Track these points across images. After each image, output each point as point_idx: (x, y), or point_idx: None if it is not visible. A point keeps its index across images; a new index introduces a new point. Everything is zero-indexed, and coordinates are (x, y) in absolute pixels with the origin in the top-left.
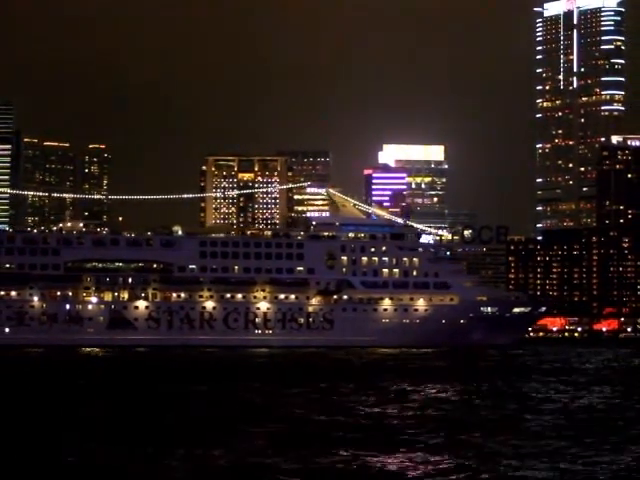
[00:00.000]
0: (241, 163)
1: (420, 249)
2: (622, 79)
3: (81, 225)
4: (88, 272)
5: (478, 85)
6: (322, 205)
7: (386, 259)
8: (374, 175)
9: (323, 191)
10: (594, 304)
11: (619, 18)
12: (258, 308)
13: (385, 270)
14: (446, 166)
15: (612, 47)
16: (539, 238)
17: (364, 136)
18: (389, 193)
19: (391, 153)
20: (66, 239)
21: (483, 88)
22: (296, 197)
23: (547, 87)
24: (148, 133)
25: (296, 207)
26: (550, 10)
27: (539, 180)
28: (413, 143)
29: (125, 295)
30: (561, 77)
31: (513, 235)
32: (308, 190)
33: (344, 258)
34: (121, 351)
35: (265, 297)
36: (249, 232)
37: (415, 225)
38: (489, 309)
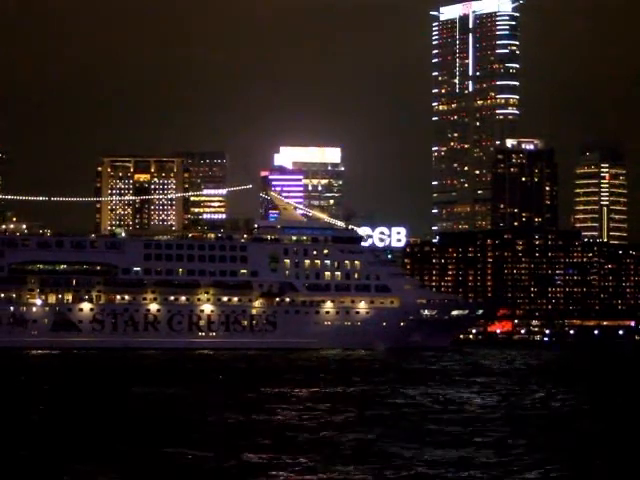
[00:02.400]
0: (137, 164)
1: (361, 252)
2: (517, 83)
3: (24, 227)
4: (32, 274)
5: (374, 88)
6: (218, 207)
7: (328, 262)
8: (270, 177)
9: (221, 192)
10: None
11: (514, 23)
12: (202, 310)
13: (327, 273)
14: (342, 168)
15: (507, 51)
16: (435, 240)
17: (261, 138)
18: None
19: (288, 155)
20: (11, 241)
21: (379, 91)
22: (192, 199)
23: (443, 90)
24: (45, 133)
25: (192, 209)
26: (446, 14)
27: (435, 183)
28: (310, 145)
29: (69, 297)
30: (457, 81)
31: (409, 237)
32: (204, 192)
33: (287, 261)
34: (63, 353)
35: (209, 299)
36: (191, 235)
37: (356, 228)
38: (428, 312)
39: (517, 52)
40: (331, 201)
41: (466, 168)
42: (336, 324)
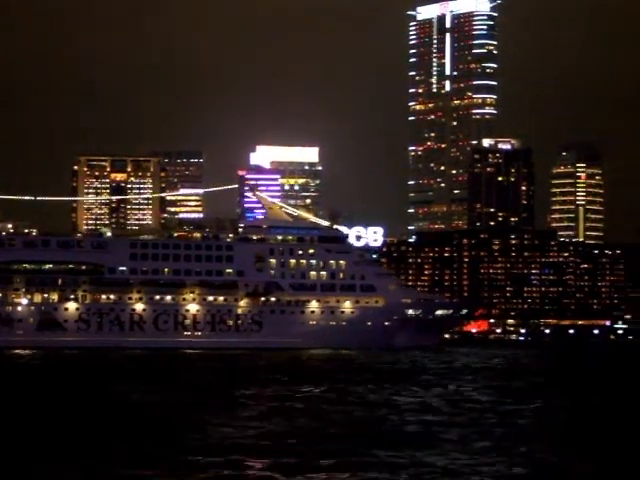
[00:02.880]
0: (114, 163)
1: (347, 252)
2: (494, 83)
3: (10, 226)
4: (18, 273)
5: (351, 87)
6: (195, 207)
7: (314, 262)
8: (247, 176)
9: (198, 192)
10: None
11: (492, 22)
12: (187, 310)
13: (313, 273)
14: (320, 168)
15: (484, 51)
16: (411, 240)
17: (238, 137)
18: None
19: (265, 154)
20: None
21: (357, 90)
22: (169, 198)
23: (420, 90)
24: (20, 131)
25: (169, 208)
26: (423, 13)
27: (411, 182)
28: (287, 145)
29: (55, 297)
30: (434, 80)
31: (386, 237)
32: (181, 191)
33: (273, 261)
34: (46, 353)
35: (194, 299)
36: (176, 234)
37: (341, 228)
38: (413, 311)
39: (494, 52)
40: (308, 200)
41: (443, 168)
42: (321, 324)
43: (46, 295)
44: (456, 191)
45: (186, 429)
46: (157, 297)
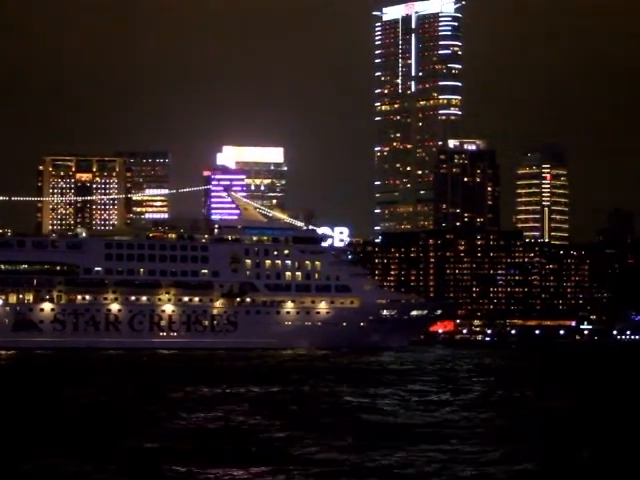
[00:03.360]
0: (79, 163)
1: (322, 252)
2: (459, 84)
3: None
4: None
5: (318, 87)
6: (160, 207)
7: (289, 262)
8: (213, 176)
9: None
10: None
11: (456, 23)
12: (163, 310)
13: (288, 273)
14: (285, 168)
15: (449, 52)
16: (377, 240)
17: (204, 137)
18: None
19: (231, 155)
20: None
21: (322, 90)
22: (135, 198)
23: (386, 91)
24: None
25: (135, 208)
26: (389, 14)
27: (378, 183)
28: (253, 145)
29: (30, 297)
30: (399, 81)
31: (352, 237)
32: (148, 192)
33: (248, 261)
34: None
35: (170, 299)
36: (152, 234)
37: (317, 229)
38: (388, 312)
39: (459, 53)
40: (274, 201)
41: (409, 168)
42: (297, 324)
43: (21, 296)
44: (422, 191)
45: (121, 428)
46: (132, 298)
